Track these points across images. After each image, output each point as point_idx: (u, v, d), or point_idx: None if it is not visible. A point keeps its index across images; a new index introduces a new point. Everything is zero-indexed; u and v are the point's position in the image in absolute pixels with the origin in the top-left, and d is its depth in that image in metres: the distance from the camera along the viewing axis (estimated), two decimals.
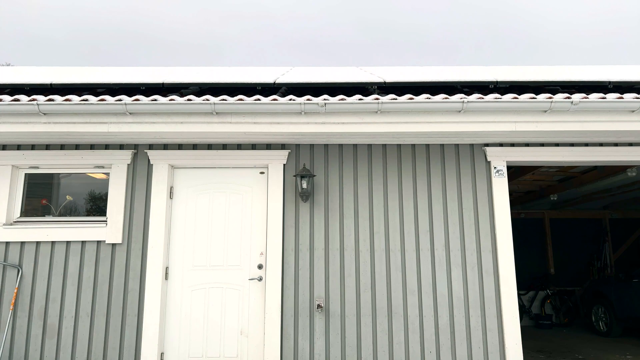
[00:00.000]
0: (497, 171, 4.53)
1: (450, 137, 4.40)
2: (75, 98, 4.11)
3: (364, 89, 4.91)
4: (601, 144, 4.62)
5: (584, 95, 4.04)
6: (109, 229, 4.40)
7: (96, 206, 4.69)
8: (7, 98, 4.07)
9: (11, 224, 4.46)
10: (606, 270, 9.60)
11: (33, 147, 4.57)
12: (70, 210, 4.67)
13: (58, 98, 4.08)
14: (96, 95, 4.55)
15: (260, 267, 4.46)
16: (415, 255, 4.39)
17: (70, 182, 4.75)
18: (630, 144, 4.62)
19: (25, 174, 4.64)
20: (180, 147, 4.59)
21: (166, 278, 4.43)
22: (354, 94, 4.39)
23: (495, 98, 4.04)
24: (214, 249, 4.50)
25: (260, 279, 4.44)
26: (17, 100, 4.02)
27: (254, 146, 4.61)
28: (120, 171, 4.51)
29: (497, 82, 4.67)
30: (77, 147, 4.57)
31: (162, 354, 4.31)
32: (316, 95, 4.40)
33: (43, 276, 4.33)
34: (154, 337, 4.23)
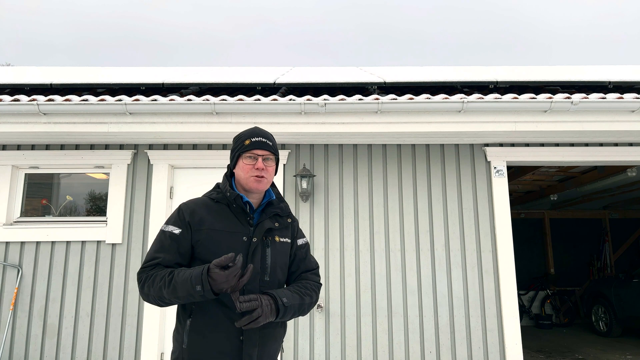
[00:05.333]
0: (497, 171, 4.52)
1: (450, 137, 4.40)
2: (75, 98, 4.11)
3: (364, 89, 4.91)
4: (601, 144, 4.62)
5: (584, 95, 4.04)
6: (109, 229, 4.40)
7: (96, 206, 4.69)
8: (7, 98, 4.08)
9: (11, 224, 4.46)
10: (606, 270, 9.61)
11: (33, 147, 4.57)
12: (70, 210, 4.67)
13: (58, 98, 4.08)
14: (96, 95, 4.55)
15: None
16: (415, 255, 4.38)
17: (70, 182, 4.75)
18: (630, 144, 4.62)
19: (25, 174, 4.63)
20: (180, 147, 4.59)
21: None
22: (354, 94, 4.39)
23: (495, 98, 4.04)
24: None
25: None
26: (17, 100, 4.02)
27: None
28: (120, 171, 4.51)
29: (497, 82, 4.67)
30: (77, 147, 4.57)
31: (162, 354, 4.31)
32: (316, 95, 4.40)
33: (43, 276, 4.33)
34: (154, 337, 4.23)
